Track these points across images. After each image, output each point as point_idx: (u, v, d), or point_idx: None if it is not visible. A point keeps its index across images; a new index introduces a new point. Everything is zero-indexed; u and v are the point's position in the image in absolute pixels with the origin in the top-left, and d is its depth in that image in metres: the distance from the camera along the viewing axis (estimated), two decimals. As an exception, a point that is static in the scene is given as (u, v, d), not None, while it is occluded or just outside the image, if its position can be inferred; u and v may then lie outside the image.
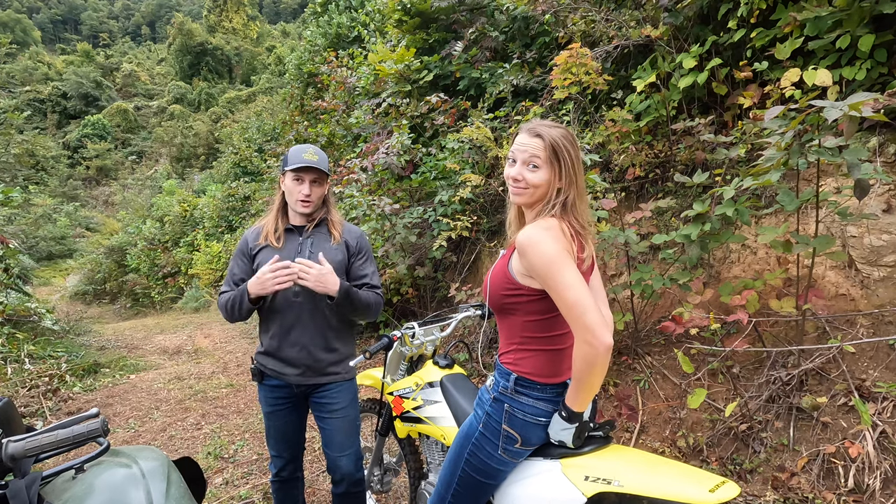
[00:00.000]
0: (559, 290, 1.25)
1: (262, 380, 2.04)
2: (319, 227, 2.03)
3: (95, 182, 37.92)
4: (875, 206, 2.48)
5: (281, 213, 2.03)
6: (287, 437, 2.09)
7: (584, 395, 1.29)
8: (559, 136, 1.38)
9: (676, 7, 3.33)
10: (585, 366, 1.23)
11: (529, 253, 1.29)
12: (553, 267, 1.25)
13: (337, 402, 2.01)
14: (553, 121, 1.45)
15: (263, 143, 15.18)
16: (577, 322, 1.22)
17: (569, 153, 1.37)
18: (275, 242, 1.96)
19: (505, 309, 1.43)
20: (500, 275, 1.42)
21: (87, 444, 1.09)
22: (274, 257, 1.82)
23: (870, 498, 2.03)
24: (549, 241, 1.27)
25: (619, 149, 3.47)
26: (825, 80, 2.25)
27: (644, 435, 2.81)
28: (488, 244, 4.59)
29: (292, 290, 1.92)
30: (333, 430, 2.02)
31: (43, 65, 51.15)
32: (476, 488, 1.47)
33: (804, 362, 2.47)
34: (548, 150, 1.38)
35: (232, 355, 6.80)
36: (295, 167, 1.89)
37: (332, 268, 1.83)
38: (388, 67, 5.73)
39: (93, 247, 19.92)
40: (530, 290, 1.35)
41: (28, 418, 4.29)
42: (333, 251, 1.98)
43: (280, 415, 2.05)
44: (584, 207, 1.41)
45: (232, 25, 58.39)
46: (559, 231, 1.31)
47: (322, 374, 1.98)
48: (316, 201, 1.97)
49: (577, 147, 1.40)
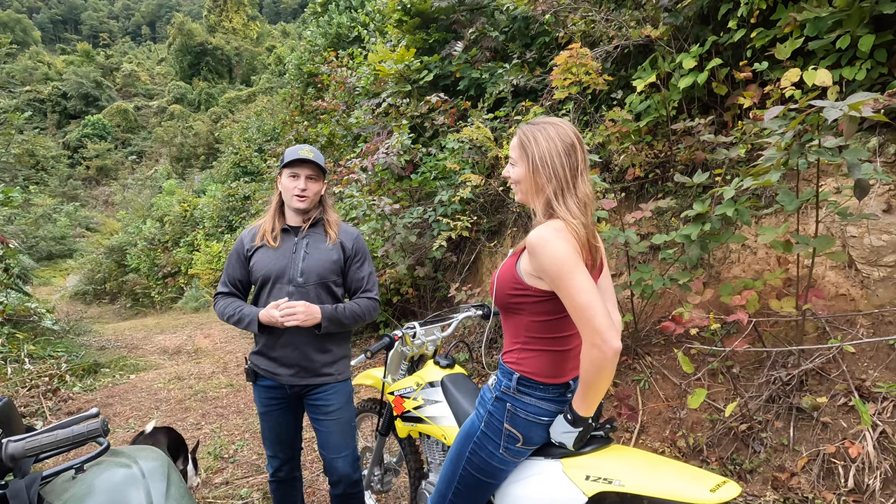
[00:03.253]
0: (569, 293, 1.24)
1: (256, 380, 2.04)
2: (315, 228, 2.04)
3: (95, 182, 37.92)
4: (875, 206, 2.48)
5: (278, 213, 2.04)
6: (282, 437, 2.08)
7: (592, 399, 1.29)
8: (528, 130, 1.38)
9: (676, 7, 3.33)
10: (594, 369, 1.22)
11: (540, 254, 1.28)
12: (564, 268, 1.24)
13: (332, 404, 2.00)
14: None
15: (263, 143, 15.17)
16: (587, 325, 1.21)
17: (536, 143, 1.35)
18: (271, 242, 1.97)
19: (511, 308, 1.42)
20: (507, 274, 1.41)
21: (87, 444, 1.09)
22: (283, 300, 1.87)
23: (870, 498, 2.03)
24: (560, 242, 1.27)
25: (619, 149, 3.47)
26: (825, 80, 2.25)
27: (644, 435, 2.81)
28: (488, 244, 4.59)
29: (287, 290, 1.93)
30: (329, 433, 2.01)
31: (43, 65, 51.13)
32: (477, 487, 1.47)
33: (804, 362, 2.47)
34: (519, 146, 1.39)
35: (232, 355, 6.81)
36: (290, 160, 1.93)
37: (305, 302, 1.87)
38: (388, 67, 5.73)
39: (93, 247, 19.93)
40: (537, 290, 1.34)
41: (28, 418, 4.29)
42: (328, 251, 1.99)
43: (274, 415, 2.05)
44: (574, 202, 1.33)
45: (232, 25, 58.35)
46: (569, 232, 1.29)
47: (315, 374, 1.98)
48: (312, 197, 1.98)
49: (555, 139, 1.34)
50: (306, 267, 1.95)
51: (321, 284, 1.97)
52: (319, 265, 1.96)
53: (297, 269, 1.95)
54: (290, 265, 1.95)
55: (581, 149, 1.37)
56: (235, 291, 2.05)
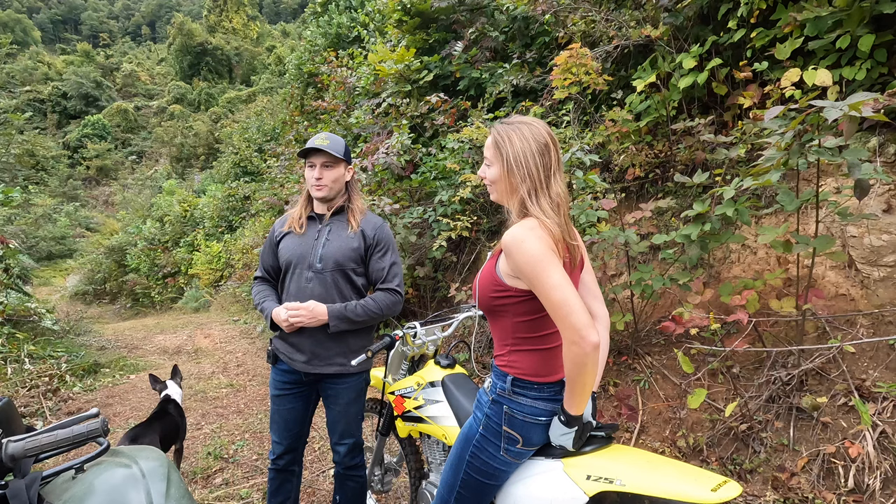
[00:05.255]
0: (545, 290, 1.24)
1: (276, 362, 2.09)
2: (338, 216, 2.07)
3: (95, 182, 37.94)
4: (875, 206, 2.48)
5: (307, 201, 2.11)
6: (289, 424, 2.11)
7: (579, 397, 1.28)
8: (503, 130, 1.37)
9: (676, 7, 3.33)
10: (575, 366, 1.22)
11: (514, 252, 1.28)
12: (538, 266, 1.24)
13: (343, 396, 2.06)
14: (551, 122, 1.44)
15: (263, 143, 15.17)
16: (563, 322, 1.21)
17: (510, 143, 1.34)
18: (297, 229, 2.05)
19: (494, 310, 1.42)
20: (488, 277, 1.41)
21: (87, 444, 1.09)
22: (287, 304, 1.95)
23: (870, 498, 2.03)
24: (534, 240, 1.26)
25: (619, 149, 3.47)
26: (825, 80, 2.25)
27: (644, 435, 2.81)
28: (488, 244, 4.59)
29: (305, 275, 1.98)
30: (337, 421, 2.09)
31: (43, 65, 51.13)
32: (479, 490, 1.46)
33: (804, 362, 2.47)
34: (493, 145, 1.39)
35: (232, 355, 6.81)
36: (304, 150, 1.98)
37: (315, 302, 1.93)
38: (388, 67, 5.72)
39: (93, 247, 19.91)
40: (518, 290, 1.34)
41: (28, 418, 4.29)
42: (349, 239, 2.01)
43: (285, 400, 2.09)
44: (547, 202, 1.32)
45: (232, 25, 58.39)
46: (543, 230, 1.29)
47: (329, 363, 2.00)
48: (329, 185, 2.01)
49: (529, 139, 1.33)
50: (325, 253, 1.98)
51: (339, 271, 1.99)
52: (338, 252, 1.99)
53: (317, 256, 1.99)
54: (311, 251, 2.00)
55: (555, 149, 1.36)
56: (268, 277, 2.16)
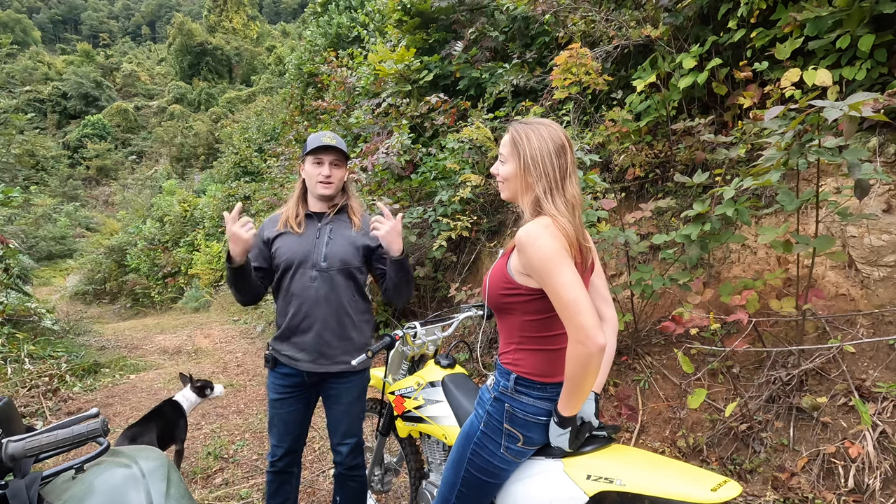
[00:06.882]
0: (555, 288, 1.24)
1: (275, 366, 2.06)
2: (339, 214, 2.06)
3: (95, 182, 37.92)
4: (875, 206, 2.48)
5: (301, 200, 2.07)
6: (289, 427, 2.10)
7: (575, 398, 1.29)
8: (521, 128, 1.39)
9: (676, 7, 3.33)
10: (579, 366, 1.22)
11: (528, 249, 1.28)
12: (551, 264, 1.25)
13: (346, 395, 2.05)
14: (553, 120, 1.45)
15: (263, 143, 15.18)
16: (571, 322, 1.22)
17: (528, 142, 1.36)
18: (295, 228, 2.00)
19: (503, 308, 1.42)
20: (498, 274, 1.42)
21: (87, 444, 1.09)
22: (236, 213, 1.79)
23: (870, 498, 2.03)
24: (548, 238, 1.27)
25: (619, 149, 3.47)
26: (825, 80, 2.25)
27: (644, 435, 2.81)
28: (488, 244, 4.59)
29: (309, 274, 1.96)
30: (338, 421, 2.08)
31: (43, 65, 51.11)
32: (480, 488, 1.46)
33: (804, 362, 2.47)
34: (511, 143, 1.40)
35: (232, 355, 6.81)
36: (314, 147, 1.95)
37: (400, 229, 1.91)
38: (388, 67, 5.72)
39: (93, 247, 19.91)
40: (528, 289, 1.34)
41: (28, 418, 4.29)
42: (353, 237, 2.01)
43: (286, 403, 2.06)
44: (562, 202, 1.33)
45: (232, 25, 58.39)
46: (557, 228, 1.30)
47: (334, 362, 1.99)
48: (336, 183, 2.00)
49: (547, 139, 1.35)
50: (330, 252, 1.97)
51: (343, 270, 1.99)
52: (343, 250, 1.98)
53: (321, 254, 1.97)
54: (314, 250, 1.98)
55: (570, 151, 1.38)
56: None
